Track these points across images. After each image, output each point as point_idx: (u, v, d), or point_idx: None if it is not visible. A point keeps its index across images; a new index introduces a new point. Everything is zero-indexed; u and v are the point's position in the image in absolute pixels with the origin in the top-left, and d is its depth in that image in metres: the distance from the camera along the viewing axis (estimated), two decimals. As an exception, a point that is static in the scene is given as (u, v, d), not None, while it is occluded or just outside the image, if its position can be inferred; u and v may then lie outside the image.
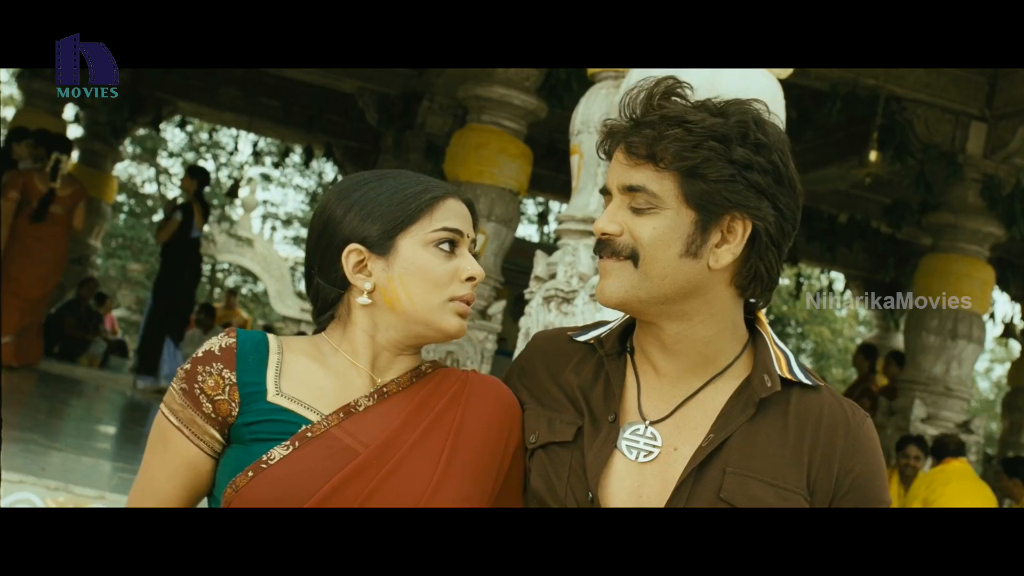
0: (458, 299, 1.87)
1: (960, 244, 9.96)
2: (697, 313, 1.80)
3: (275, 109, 15.35)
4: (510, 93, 8.93)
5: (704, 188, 1.71)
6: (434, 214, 1.86)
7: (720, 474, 1.75)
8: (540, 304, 4.99)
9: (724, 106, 1.76)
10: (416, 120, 12.22)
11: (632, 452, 1.81)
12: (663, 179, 1.73)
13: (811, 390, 1.83)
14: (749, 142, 1.72)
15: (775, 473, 1.74)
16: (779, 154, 1.75)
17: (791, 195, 1.77)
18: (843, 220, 14.82)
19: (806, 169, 11.94)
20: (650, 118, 1.75)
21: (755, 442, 1.77)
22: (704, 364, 1.84)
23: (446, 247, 1.86)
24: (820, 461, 1.76)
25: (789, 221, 1.78)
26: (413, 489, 1.79)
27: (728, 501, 1.72)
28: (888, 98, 9.54)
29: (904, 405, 9.94)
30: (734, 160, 1.71)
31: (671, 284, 1.76)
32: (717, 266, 1.76)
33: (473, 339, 8.92)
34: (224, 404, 1.81)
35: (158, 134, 26.51)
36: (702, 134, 1.71)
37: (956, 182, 9.82)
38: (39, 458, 5.60)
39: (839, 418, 1.80)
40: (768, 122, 1.77)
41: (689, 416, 1.82)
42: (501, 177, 9.02)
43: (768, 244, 1.76)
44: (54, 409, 8.45)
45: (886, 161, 10.00)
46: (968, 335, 9.80)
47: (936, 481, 8.03)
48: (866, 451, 1.79)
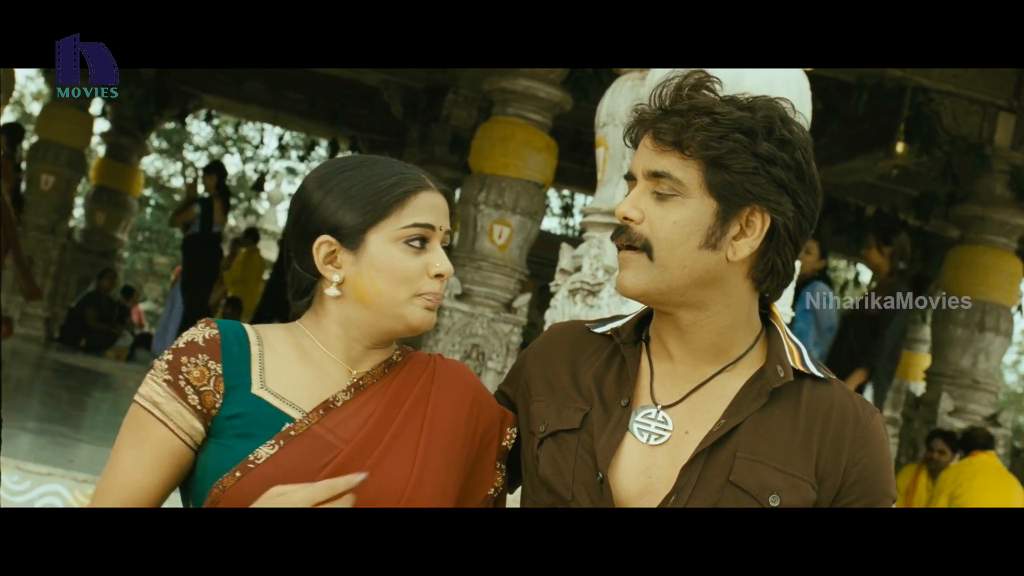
0: (425, 295, 1.87)
1: (988, 236, 9.89)
2: (714, 303, 1.82)
3: (300, 103, 15.38)
4: (535, 86, 8.92)
5: (727, 179, 1.74)
6: (405, 209, 1.86)
7: (731, 458, 1.77)
8: (565, 297, 4.99)
9: (752, 101, 1.79)
10: (441, 113, 12.21)
11: (643, 435, 1.84)
12: (688, 167, 1.76)
13: (822, 383, 1.86)
14: (774, 137, 1.75)
15: (785, 460, 1.77)
16: (802, 152, 1.78)
17: (811, 193, 1.80)
18: (870, 212, 14.75)
19: (832, 161, 11.89)
20: (679, 107, 1.77)
21: (766, 429, 1.79)
22: (717, 353, 1.87)
23: (416, 243, 1.86)
24: (829, 451, 1.78)
25: (807, 218, 1.81)
26: (395, 482, 1.80)
27: (738, 484, 1.74)
28: (915, 89, 9.48)
29: (931, 398, 9.90)
30: (758, 153, 1.74)
31: (690, 274, 1.79)
32: (735, 258, 1.79)
33: (499, 332, 8.92)
34: (209, 395, 1.80)
35: (184, 128, 26.59)
36: (729, 125, 1.73)
37: (984, 174, 9.76)
38: (67, 450, 5.64)
39: (849, 411, 1.82)
40: (794, 120, 1.80)
41: (701, 401, 1.85)
42: (526, 170, 9.02)
43: (786, 239, 1.79)
44: (81, 402, 8.51)
45: (913, 153, 9.94)
46: (996, 328, 9.74)
47: (963, 474, 8.00)
48: (874, 444, 1.81)
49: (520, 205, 9.01)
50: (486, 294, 8.97)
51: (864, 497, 1.78)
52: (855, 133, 11.07)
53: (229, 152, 30.62)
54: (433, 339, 8.93)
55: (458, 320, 8.85)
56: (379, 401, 1.86)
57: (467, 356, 8.93)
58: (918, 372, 14.33)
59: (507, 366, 8.93)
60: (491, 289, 9.00)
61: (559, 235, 16.15)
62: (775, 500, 1.73)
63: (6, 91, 8.66)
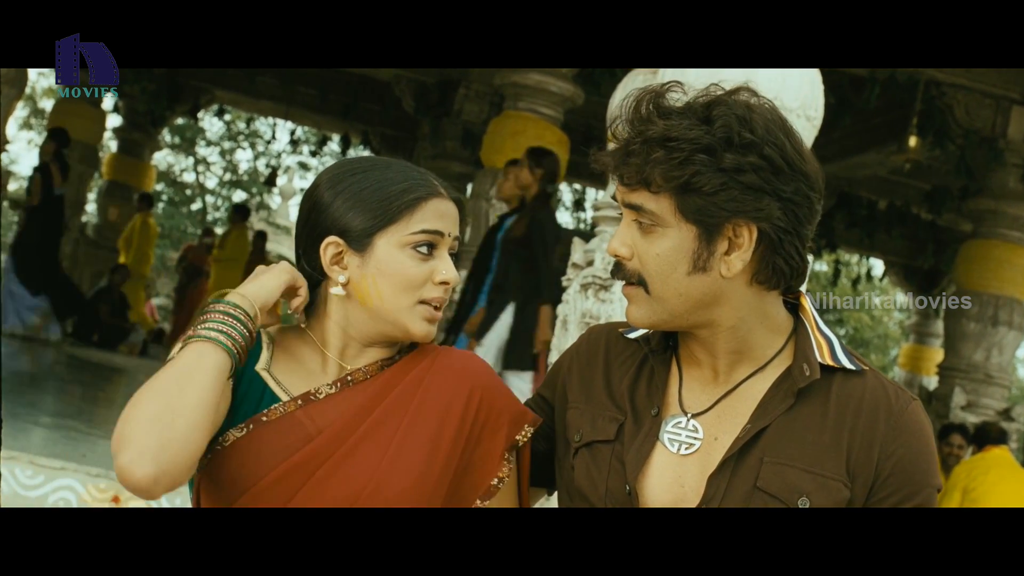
0: (428, 301, 1.87)
1: (1001, 230, 9.86)
2: (722, 318, 1.79)
3: (312, 97, 15.40)
4: (546, 80, 8.91)
5: (699, 202, 1.69)
6: (415, 215, 1.85)
7: (758, 463, 1.73)
8: (577, 291, 4.99)
9: (709, 109, 1.72)
10: (453, 107, 12.21)
11: (674, 445, 1.81)
12: (659, 199, 1.72)
13: (855, 375, 1.80)
14: (736, 146, 1.68)
15: (813, 460, 1.72)
16: (772, 146, 1.69)
17: (797, 179, 1.72)
18: (882, 206, 14.72)
19: (845, 155, 11.86)
20: (634, 145, 1.73)
21: (794, 431, 1.75)
22: (743, 359, 1.83)
23: (424, 249, 1.85)
24: (860, 446, 1.73)
25: (802, 205, 1.73)
26: (365, 469, 1.79)
27: (765, 490, 1.71)
28: (927, 83, 9.46)
29: (944, 392, 9.88)
30: (723, 168, 1.67)
31: (686, 300, 1.75)
32: (729, 274, 1.73)
33: (510, 326, 8.91)
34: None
35: (196, 123, 26.64)
36: (687, 149, 1.67)
37: (997, 167, 9.73)
38: (80, 445, 5.65)
39: (881, 402, 1.76)
40: (757, 114, 1.72)
41: (730, 407, 1.81)
42: (538, 164, 9.00)
43: (781, 238, 1.72)
44: (94, 397, 8.53)
45: (926, 147, 9.92)
46: (1009, 322, 9.71)
47: (977, 469, 7.98)
48: (909, 434, 1.75)
49: (532, 200, 8.99)
50: (498, 289, 8.95)
51: (902, 489, 1.73)
52: (868, 127, 11.05)
53: (241, 146, 30.67)
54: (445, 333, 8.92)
55: (470, 314, 8.83)
56: (364, 393, 1.87)
57: (479, 350, 8.92)
58: (931, 366, 14.34)
59: (517, 361, 8.92)
60: (503, 284, 8.97)
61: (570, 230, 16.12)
62: (804, 503, 1.70)
63: (18, 87, 8.68)
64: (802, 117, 3.95)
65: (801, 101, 3.94)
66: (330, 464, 1.79)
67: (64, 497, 4.85)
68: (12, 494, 4.75)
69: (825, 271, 22.47)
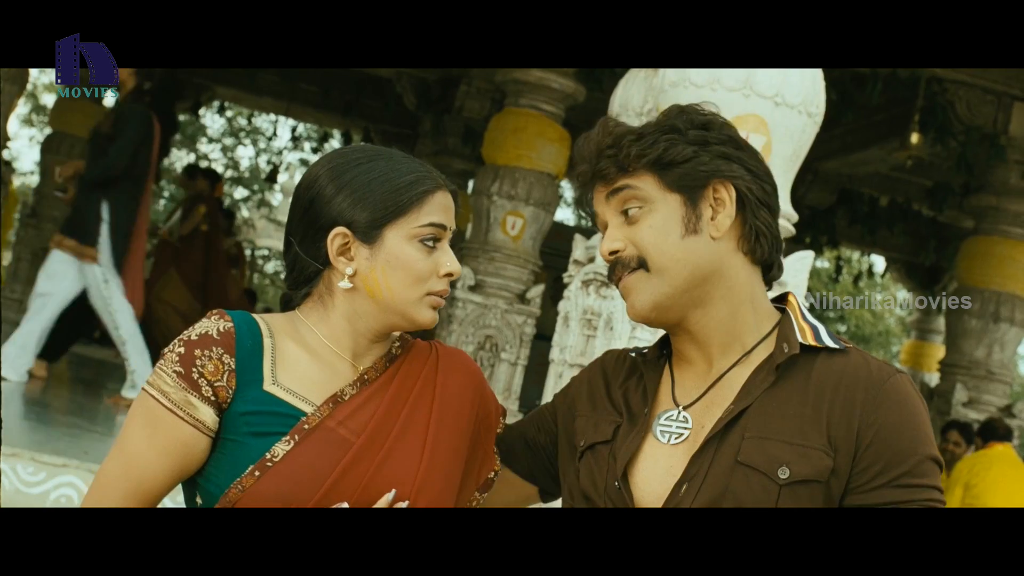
0: (435, 294, 1.90)
1: (1002, 226, 9.86)
2: (716, 292, 1.86)
3: (313, 94, 15.39)
4: (548, 77, 8.91)
5: (678, 171, 1.83)
6: (423, 208, 1.87)
7: (739, 440, 1.77)
8: (579, 288, 4.99)
9: (667, 113, 1.90)
10: (454, 104, 12.21)
11: (665, 436, 1.87)
12: (640, 179, 1.85)
13: (838, 353, 1.85)
14: (696, 124, 1.86)
15: (793, 432, 1.76)
16: (727, 127, 1.89)
17: (756, 159, 1.90)
18: (884, 203, 14.72)
19: (847, 152, 11.86)
20: (608, 150, 1.87)
21: (775, 407, 1.79)
22: (731, 344, 1.89)
23: (430, 242, 1.88)
24: (839, 416, 1.76)
25: (766, 181, 1.89)
26: (406, 472, 1.83)
27: (745, 463, 1.75)
28: (929, 79, 9.46)
29: (946, 389, 9.88)
30: (691, 141, 1.84)
31: (684, 267, 1.83)
32: (719, 234, 1.84)
33: (512, 323, 8.92)
34: (223, 390, 1.80)
35: (197, 120, 26.63)
36: (654, 132, 1.85)
37: (998, 164, 9.73)
38: (81, 441, 5.65)
39: (861, 375, 1.80)
40: (704, 110, 1.90)
41: (717, 395, 1.87)
42: (539, 161, 9.02)
43: (757, 202, 1.87)
44: (96, 393, 8.52)
45: (927, 143, 9.91)
46: (1011, 318, 9.72)
47: (979, 465, 7.98)
48: (891, 403, 1.77)
49: (533, 196, 9.01)
50: (499, 285, 8.98)
51: (884, 456, 1.73)
52: (869, 123, 11.05)
53: (242, 143, 30.65)
54: (446, 330, 8.94)
55: (471, 311, 8.85)
56: (384, 394, 1.89)
57: (480, 347, 8.94)
58: (932, 363, 14.33)
59: (520, 357, 8.94)
60: (504, 280, 9.00)
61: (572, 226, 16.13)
62: (784, 472, 1.72)
63: (19, 84, 8.69)
64: (803, 114, 3.95)
65: (802, 97, 3.93)
66: (373, 470, 1.80)
67: (66, 494, 4.85)
68: (13, 491, 4.75)
69: (827, 268, 22.44)
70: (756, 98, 3.90)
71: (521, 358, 8.96)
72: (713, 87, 3.80)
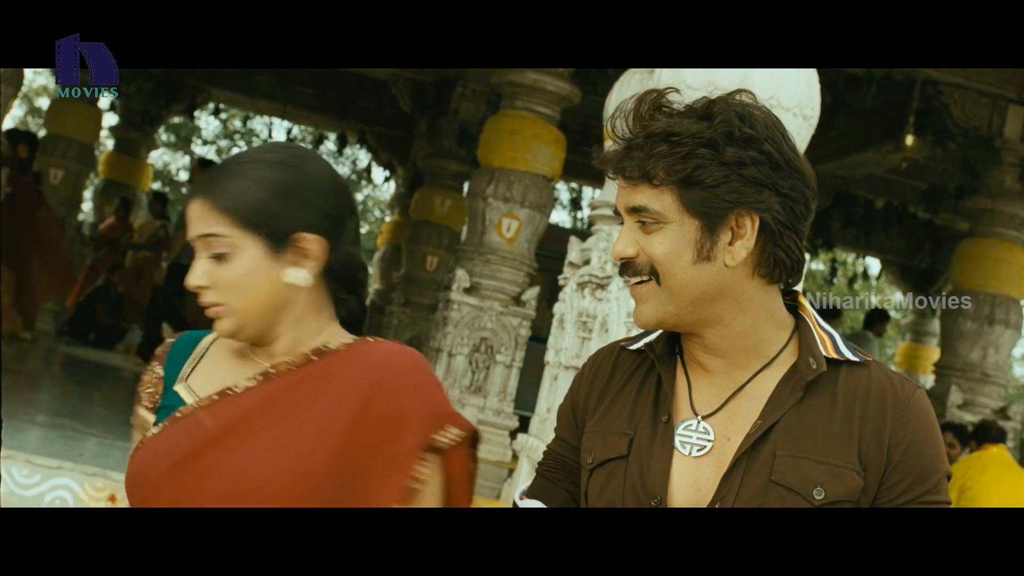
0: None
1: (998, 229, 9.87)
2: (729, 312, 1.81)
3: (309, 96, 15.38)
4: (543, 79, 8.91)
5: (702, 195, 1.73)
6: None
7: (771, 457, 1.75)
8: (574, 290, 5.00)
9: (709, 107, 1.77)
10: (449, 106, 12.21)
11: (686, 448, 1.82)
12: (662, 195, 1.76)
13: (859, 367, 1.82)
14: (736, 140, 1.73)
15: (825, 450, 1.74)
16: (771, 142, 1.75)
17: (794, 176, 1.77)
18: (879, 205, 14.73)
19: (842, 154, 11.86)
20: (637, 140, 1.77)
21: (804, 423, 1.77)
22: (749, 357, 1.84)
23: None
24: (870, 434, 1.75)
25: (799, 201, 1.78)
26: (246, 464, 1.80)
27: (780, 483, 1.72)
28: (924, 82, 9.47)
29: (940, 391, 9.88)
30: (725, 162, 1.72)
31: (693, 291, 1.78)
32: (733, 263, 1.77)
33: (507, 325, 8.92)
34: (151, 396, 1.97)
35: (193, 122, 26.61)
36: (689, 144, 1.72)
37: (993, 166, 9.74)
38: (76, 444, 5.65)
39: (887, 391, 1.78)
40: (755, 112, 1.77)
41: (740, 406, 1.83)
42: (535, 163, 9.02)
43: (781, 231, 1.77)
44: (91, 396, 8.52)
45: (923, 146, 9.92)
46: (1005, 320, 9.72)
47: (974, 467, 7.98)
48: (917, 421, 1.77)
49: (529, 198, 9.01)
50: (495, 288, 8.97)
51: (911, 474, 1.74)
52: (864, 126, 11.06)
53: (238, 146, 30.63)
54: (442, 332, 8.93)
55: (467, 314, 8.85)
56: (275, 387, 1.88)
57: (476, 350, 8.93)
58: (927, 365, 14.34)
59: (515, 360, 8.94)
60: (500, 283, 9.00)
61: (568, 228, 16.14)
62: (820, 493, 1.71)
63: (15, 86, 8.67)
64: (798, 116, 3.95)
65: (797, 100, 3.94)
66: (215, 457, 1.80)
67: (60, 496, 4.86)
68: (9, 493, 4.75)
69: (822, 270, 22.45)
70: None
71: (516, 360, 8.96)
72: (709, 89, 3.81)
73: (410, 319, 12.23)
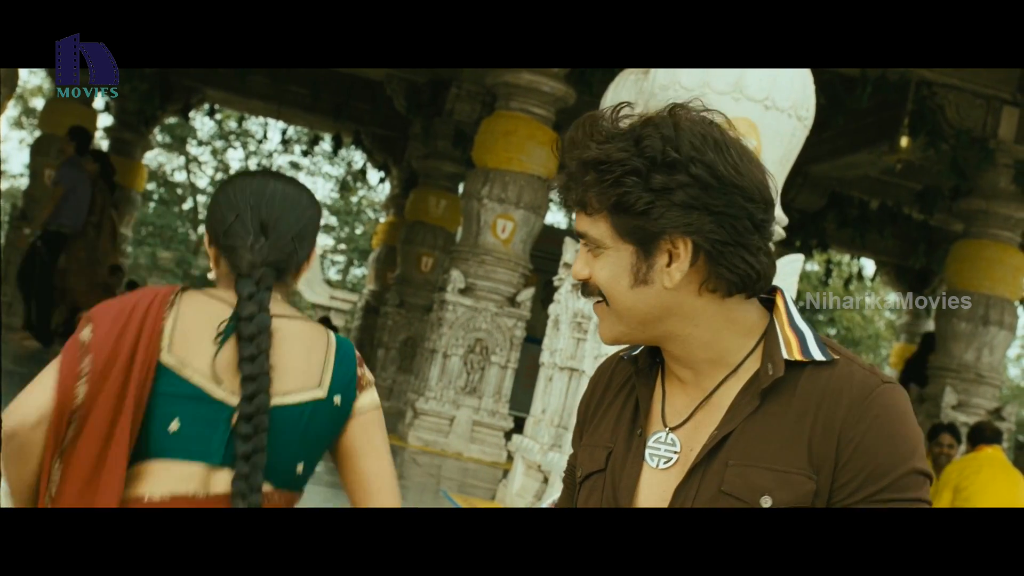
0: None
1: (992, 230, 9.90)
2: (682, 329, 1.80)
3: (304, 97, 15.40)
4: (538, 80, 8.93)
5: (632, 221, 1.72)
6: None
7: (723, 467, 1.72)
8: (569, 291, 5.00)
9: (640, 129, 1.73)
10: (444, 107, 12.22)
11: (654, 460, 1.81)
12: (597, 222, 1.76)
13: (825, 366, 1.77)
14: (661, 165, 1.69)
15: (775, 457, 1.71)
16: (699, 164, 1.70)
17: (729, 192, 1.72)
18: (874, 206, 14.75)
19: (836, 155, 11.89)
20: (573, 169, 1.78)
21: (758, 430, 1.74)
22: (714, 366, 1.82)
23: None
24: (820, 434, 1.70)
25: (739, 217, 1.73)
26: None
27: (729, 492, 1.70)
28: (919, 83, 9.49)
29: (935, 392, 9.90)
30: (652, 188, 1.70)
31: (636, 313, 1.77)
32: (671, 285, 1.75)
33: (502, 326, 8.93)
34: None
35: (187, 122, 26.61)
36: (617, 171, 1.71)
37: (988, 168, 9.76)
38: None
39: (844, 389, 1.73)
40: (683, 133, 1.72)
41: (705, 416, 1.81)
42: (529, 164, 9.03)
43: (720, 249, 1.72)
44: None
45: (917, 147, 9.94)
46: (1000, 321, 9.75)
47: (968, 468, 7.99)
48: (873, 417, 1.71)
49: (523, 199, 9.02)
50: (489, 288, 8.98)
51: (863, 471, 1.68)
52: (859, 127, 11.08)
53: (232, 146, 30.64)
54: (436, 333, 8.94)
55: (461, 314, 8.85)
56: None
57: (471, 351, 8.94)
58: (922, 366, 14.34)
59: (510, 360, 8.95)
60: (494, 283, 9.01)
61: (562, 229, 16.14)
62: (767, 501, 1.68)
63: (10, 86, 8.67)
64: (793, 117, 3.96)
65: (792, 101, 3.94)
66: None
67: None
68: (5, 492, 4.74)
69: (816, 271, 22.48)
70: (746, 102, 3.91)
71: (511, 361, 8.97)
72: (703, 90, 3.81)
73: (405, 320, 12.25)
